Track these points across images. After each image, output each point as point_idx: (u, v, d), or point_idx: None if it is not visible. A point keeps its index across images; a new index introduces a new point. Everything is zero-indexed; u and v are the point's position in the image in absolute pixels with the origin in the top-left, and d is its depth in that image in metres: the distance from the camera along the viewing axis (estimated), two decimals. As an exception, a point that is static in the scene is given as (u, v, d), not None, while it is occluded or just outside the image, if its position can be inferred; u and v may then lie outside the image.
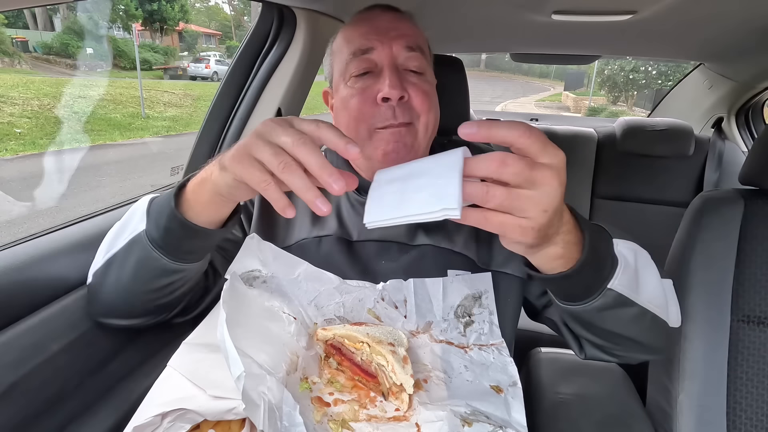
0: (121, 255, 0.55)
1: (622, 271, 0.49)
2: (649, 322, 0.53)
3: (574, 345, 0.63)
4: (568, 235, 0.44)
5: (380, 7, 0.68)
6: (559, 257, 0.45)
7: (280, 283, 0.62)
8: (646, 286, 0.52)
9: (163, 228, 0.51)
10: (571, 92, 24.31)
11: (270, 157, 0.41)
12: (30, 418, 0.54)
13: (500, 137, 0.38)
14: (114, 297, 0.58)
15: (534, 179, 0.38)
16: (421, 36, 0.67)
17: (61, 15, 16.26)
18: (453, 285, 0.63)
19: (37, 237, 0.67)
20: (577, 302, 0.51)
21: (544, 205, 0.38)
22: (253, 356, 0.46)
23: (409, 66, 0.62)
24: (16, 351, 0.53)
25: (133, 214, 0.56)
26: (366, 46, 0.62)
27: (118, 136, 7.12)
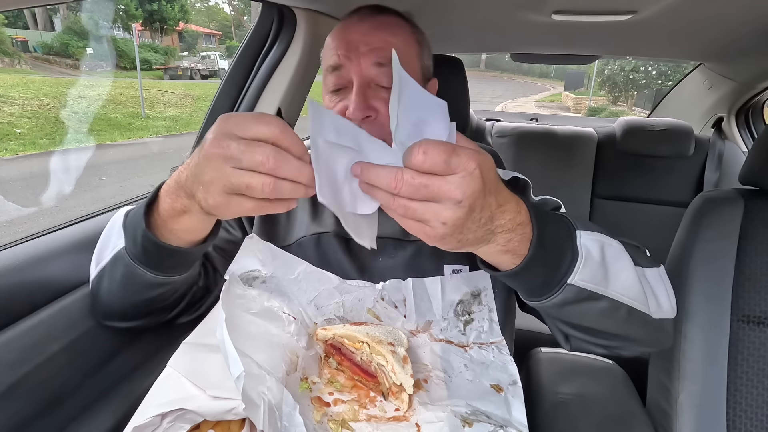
0: (108, 269, 0.56)
1: (583, 265, 0.47)
2: (624, 314, 0.51)
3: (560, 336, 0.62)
4: (511, 233, 0.43)
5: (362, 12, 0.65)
6: (504, 252, 0.44)
7: (279, 283, 0.62)
8: (617, 278, 0.50)
9: (140, 247, 0.51)
10: (571, 92, 24.30)
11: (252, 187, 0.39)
12: (30, 418, 0.53)
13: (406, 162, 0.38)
14: (110, 304, 0.59)
15: (434, 194, 0.37)
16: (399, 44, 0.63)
17: (61, 15, 16.27)
18: (452, 283, 0.63)
19: (37, 237, 0.67)
20: (538, 298, 0.50)
21: (443, 218, 0.38)
22: (252, 356, 0.46)
23: (380, 82, 0.61)
24: (16, 351, 0.53)
25: (112, 229, 0.57)
26: (336, 63, 0.62)
27: (118, 136, 7.13)
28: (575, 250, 0.48)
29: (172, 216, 0.48)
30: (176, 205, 0.47)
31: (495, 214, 0.41)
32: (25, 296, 0.58)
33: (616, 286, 0.50)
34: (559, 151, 1.81)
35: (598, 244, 0.50)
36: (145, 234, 0.49)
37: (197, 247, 0.53)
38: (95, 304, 0.61)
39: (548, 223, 0.47)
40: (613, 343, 0.56)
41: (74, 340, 0.59)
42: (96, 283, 0.58)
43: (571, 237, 0.49)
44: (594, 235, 0.50)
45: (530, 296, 0.51)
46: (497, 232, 0.43)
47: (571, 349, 0.61)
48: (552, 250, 0.47)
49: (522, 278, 0.48)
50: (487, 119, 2.14)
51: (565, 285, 0.47)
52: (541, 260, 0.46)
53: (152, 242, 0.49)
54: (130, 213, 0.54)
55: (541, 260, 0.46)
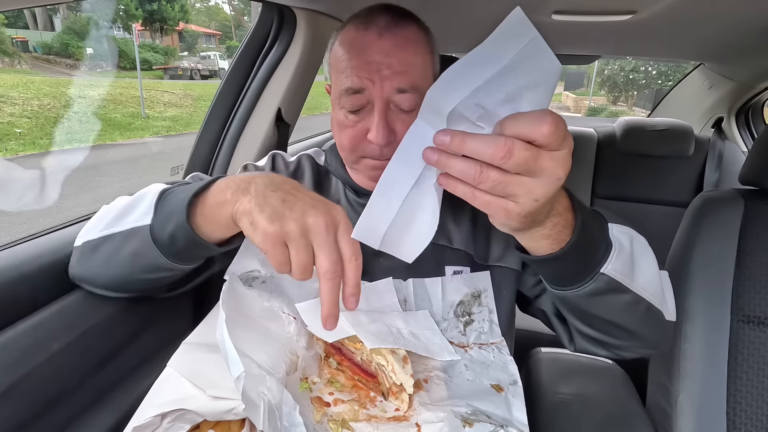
0: (119, 238, 0.54)
1: (616, 256, 0.48)
2: (643, 310, 0.52)
3: (564, 336, 0.63)
4: (558, 217, 0.44)
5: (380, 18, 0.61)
6: (546, 237, 0.44)
7: (279, 283, 0.62)
8: (642, 273, 0.51)
9: (168, 233, 0.50)
10: (571, 92, 24.29)
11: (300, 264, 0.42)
12: (30, 418, 0.53)
13: (523, 133, 0.35)
14: (100, 271, 0.58)
15: (536, 169, 0.36)
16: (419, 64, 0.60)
17: (61, 15, 16.27)
18: (452, 284, 0.63)
19: (37, 237, 0.67)
20: (569, 287, 0.50)
21: (536, 194, 0.37)
22: (252, 356, 0.46)
23: (401, 106, 0.59)
24: (16, 351, 0.53)
25: (140, 200, 0.55)
26: (358, 86, 0.58)
27: (118, 136, 7.13)
28: (609, 240, 0.49)
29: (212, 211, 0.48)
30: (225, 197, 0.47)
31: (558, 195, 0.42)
32: (25, 296, 0.58)
33: (640, 281, 0.50)
34: (559, 151, 1.81)
35: (628, 237, 0.51)
36: (183, 224, 0.48)
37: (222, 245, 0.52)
38: (79, 265, 0.59)
39: (585, 211, 0.47)
40: (621, 341, 0.57)
41: (74, 340, 0.59)
42: (93, 245, 0.57)
43: (605, 227, 0.50)
44: (624, 228, 0.52)
45: (561, 284, 0.51)
46: (551, 214, 0.43)
47: (574, 349, 0.62)
48: (590, 239, 0.47)
49: (559, 264, 0.47)
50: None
51: (598, 274, 0.48)
52: (581, 247, 0.46)
53: (186, 233, 0.49)
54: (168, 195, 0.53)
55: (582, 247, 0.46)
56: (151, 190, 0.55)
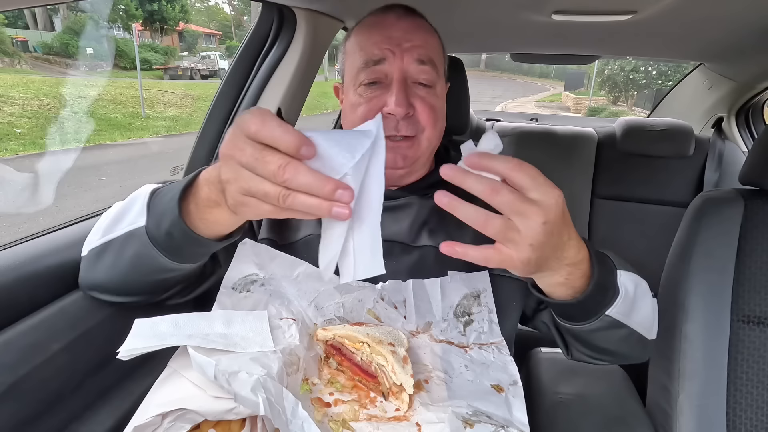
0: (118, 244, 0.54)
1: (621, 301, 0.53)
2: (635, 340, 0.58)
3: (562, 347, 0.67)
4: (573, 267, 0.47)
5: (396, 10, 0.65)
6: (561, 285, 0.48)
7: (279, 283, 0.62)
8: (639, 312, 0.56)
9: (165, 232, 0.49)
10: (571, 92, 24.30)
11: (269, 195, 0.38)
12: (30, 418, 0.54)
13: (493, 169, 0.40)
14: (107, 278, 0.57)
15: (521, 212, 0.39)
16: (435, 46, 0.65)
17: (61, 15, 16.27)
18: (451, 285, 0.63)
19: (38, 237, 0.67)
20: (574, 322, 0.55)
21: (529, 239, 0.40)
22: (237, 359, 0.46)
23: (419, 79, 0.62)
24: (16, 351, 0.53)
25: (133, 203, 0.54)
26: (378, 57, 0.61)
27: (118, 136, 7.13)
28: (616, 287, 0.53)
29: (207, 205, 0.47)
30: (212, 196, 0.45)
31: (565, 244, 0.45)
32: (25, 296, 0.58)
33: (637, 318, 0.56)
34: (559, 151, 1.81)
35: (633, 283, 0.56)
36: (176, 220, 0.47)
37: (222, 240, 0.51)
38: (88, 275, 0.59)
39: (602, 263, 0.51)
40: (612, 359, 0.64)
41: (74, 340, 0.59)
42: (96, 253, 0.56)
43: (614, 275, 0.54)
44: (630, 275, 0.56)
45: (566, 320, 0.57)
46: (564, 263, 0.46)
47: (571, 359, 0.67)
48: (603, 289, 0.52)
49: (571, 308, 0.53)
50: (487, 119, 2.14)
51: (603, 315, 0.53)
52: (594, 297, 0.50)
53: (181, 230, 0.48)
54: (159, 193, 0.52)
55: (594, 297, 0.50)
56: (141, 192, 0.55)
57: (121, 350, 0.44)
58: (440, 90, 0.66)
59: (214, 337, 0.49)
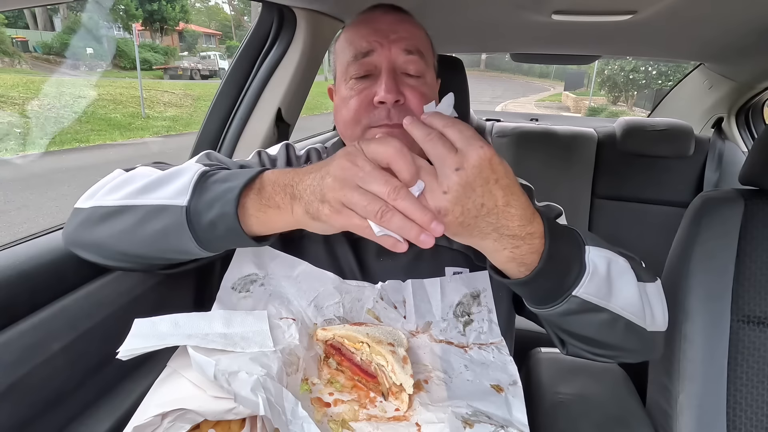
0: (144, 213, 0.50)
1: (589, 279, 0.49)
2: (622, 327, 0.53)
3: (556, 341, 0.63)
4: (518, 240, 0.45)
5: (383, 7, 0.68)
6: (510, 260, 0.47)
7: (278, 283, 0.62)
8: (620, 293, 0.51)
9: (209, 220, 0.48)
10: (571, 92, 24.30)
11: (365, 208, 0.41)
12: (30, 418, 0.54)
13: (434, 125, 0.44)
14: (111, 242, 0.53)
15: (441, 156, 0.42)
16: (422, 38, 0.67)
17: (61, 15, 16.28)
18: (451, 285, 0.63)
19: (38, 237, 0.67)
20: (540, 306, 0.52)
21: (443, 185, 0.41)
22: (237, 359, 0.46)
23: (408, 69, 0.63)
24: (16, 351, 0.53)
25: (175, 177, 0.51)
26: (366, 49, 0.63)
27: (118, 136, 7.13)
28: (583, 264, 0.49)
29: (267, 205, 0.47)
30: (276, 198, 0.46)
31: (500, 211, 0.43)
32: (25, 296, 0.58)
33: (618, 301, 0.51)
34: (559, 151, 1.81)
35: (605, 260, 0.51)
36: (230, 214, 0.46)
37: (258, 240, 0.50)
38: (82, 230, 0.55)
39: (561, 238, 0.49)
40: (607, 352, 0.58)
41: (74, 340, 0.59)
42: (107, 213, 0.52)
43: (581, 252, 0.51)
44: (602, 251, 0.52)
45: (533, 304, 0.53)
46: (503, 233, 0.44)
47: (567, 354, 0.63)
48: (560, 265, 0.48)
49: (528, 288, 0.50)
50: (487, 119, 2.14)
51: (569, 297, 0.49)
52: (548, 274, 0.47)
53: (230, 224, 0.47)
54: (212, 179, 0.50)
55: (549, 274, 0.48)
56: (187, 168, 0.52)
57: (120, 350, 0.44)
58: (430, 80, 0.67)
59: (213, 337, 0.49)
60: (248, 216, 0.48)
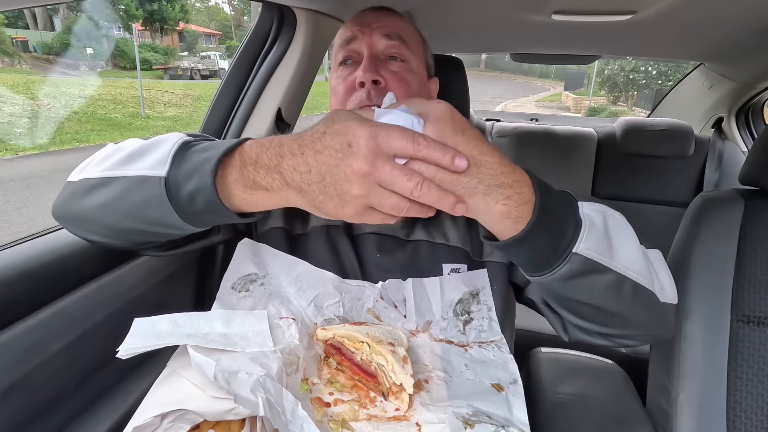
0: (126, 184, 0.49)
1: (587, 233, 0.46)
2: (629, 291, 0.49)
3: (557, 325, 0.62)
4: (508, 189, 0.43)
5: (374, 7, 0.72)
6: (505, 216, 0.44)
7: (279, 283, 0.62)
8: (621, 249, 0.49)
9: (187, 192, 0.46)
10: (571, 92, 24.29)
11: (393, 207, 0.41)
12: (30, 418, 0.54)
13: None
14: (94, 214, 0.52)
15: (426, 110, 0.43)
16: (405, 28, 0.70)
17: (61, 15, 16.29)
18: (450, 283, 0.63)
19: (38, 237, 0.67)
20: (543, 271, 0.48)
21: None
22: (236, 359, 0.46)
23: (389, 52, 0.67)
24: (16, 351, 0.53)
25: (156, 146, 0.50)
26: (349, 37, 0.68)
27: (119, 136, 7.13)
28: (578, 218, 0.48)
29: (251, 186, 0.44)
30: (262, 182, 0.44)
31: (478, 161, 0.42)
32: (25, 296, 0.58)
33: (620, 258, 0.48)
34: (559, 151, 1.81)
35: (600, 214, 0.50)
36: (207, 188, 0.44)
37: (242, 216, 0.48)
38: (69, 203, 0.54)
39: (549, 190, 0.47)
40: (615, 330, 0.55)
41: (74, 340, 0.59)
42: (92, 185, 0.51)
43: (573, 206, 0.49)
44: (595, 205, 0.50)
45: (534, 270, 0.50)
46: (490, 183, 0.43)
47: (569, 339, 0.61)
48: (555, 217, 0.46)
49: (526, 247, 0.46)
50: (487, 119, 2.14)
51: (570, 254, 0.46)
52: (544, 226, 0.45)
53: (208, 197, 0.45)
54: (191, 149, 0.48)
55: (545, 226, 0.45)
56: (168, 139, 0.50)
57: (120, 349, 0.44)
58: (416, 67, 0.69)
59: (213, 337, 0.49)
60: (234, 196, 0.46)
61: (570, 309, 0.55)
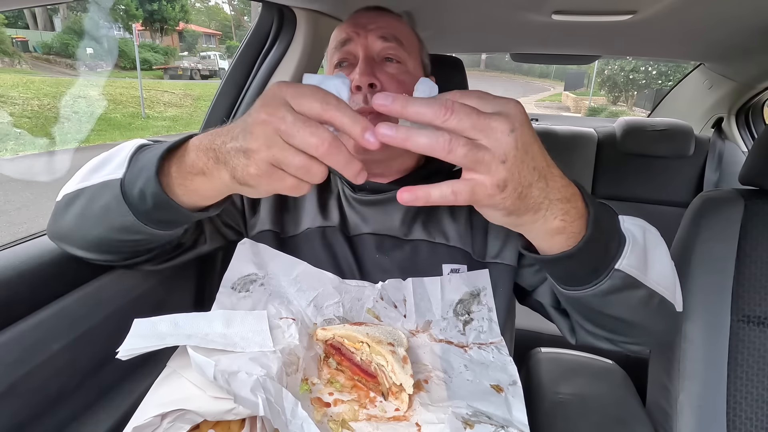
0: (91, 192, 0.50)
1: (630, 250, 0.45)
2: (657, 305, 0.49)
3: (565, 329, 0.61)
4: (566, 204, 0.40)
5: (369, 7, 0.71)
6: (559, 232, 0.42)
7: (279, 283, 0.62)
8: (655, 266, 0.48)
9: (138, 189, 0.46)
10: (571, 92, 24.30)
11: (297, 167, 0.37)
12: (30, 418, 0.54)
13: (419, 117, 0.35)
14: (73, 227, 0.54)
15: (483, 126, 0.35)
16: (402, 28, 0.69)
17: (61, 15, 16.29)
18: (451, 283, 0.63)
19: (38, 236, 0.67)
20: (582, 286, 0.47)
21: (500, 154, 0.35)
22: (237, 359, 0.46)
23: (386, 54, 0.65)
24: (16, 351, 0.53)
25: (117, 153, 0.52)
26: (344, 38, 0.66)
27: (118, 136, 7.13)
28: (622, 234, 0.47)
29: (190, 172, 0.44)
30: (199, 163, 0.43)
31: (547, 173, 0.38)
32: (25, 296, 0.58)
33: (653, 274, 0.48)
34: (559, 151, 1.81)
35: (641, 228, 0.49)
36: (151, 178, 0.44)
37: (197, 212, 0.48)
38: (54, 221, 0.56)
39: (597, 203, 0.44)
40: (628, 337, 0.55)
41: (74, 340, 0.59)
42: (69, 199, 0.53)
43: (617, 220, 0.48)
44: (635, 219, 0.50)
45: (573, 284, 0.48)
46: (553, 198, 0.39)
47: (576, 342, 0.61)
48: (606, 233, 0.44)
49: (573, 263, 0.44)
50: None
51: (613, 270, 0.45)
52: (596, 242, 0.43)
53: (154, 190, 0.45)
54: (144, 149, 0.49)
55: (597, 242, 0.43)
56: (128, 144, 0.52)
57: (120, 350, 0.44)
58: (413, 68, 0.68)
59: (213, 337, 0.49)
60: (175, 186, 0.45)
61: (591, 319, 0.54)
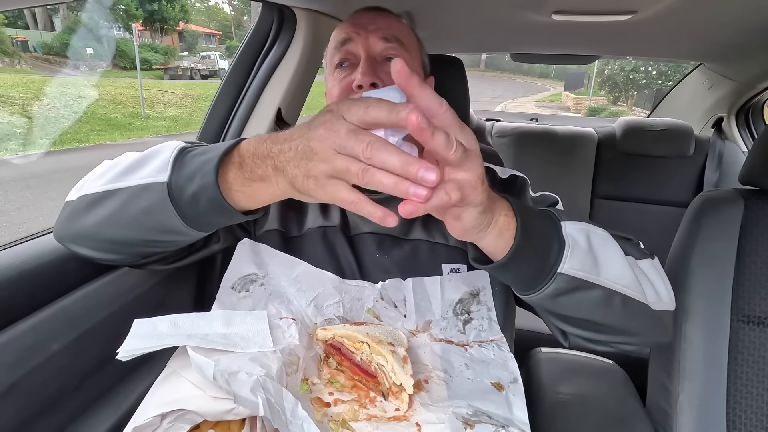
0: (128, 194, 0.50)
1: (570, 253, 0.47)
2: (619, 304, 0.50)
3: (557, 332, 0.62)
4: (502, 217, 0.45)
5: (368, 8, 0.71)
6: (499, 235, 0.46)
7: (279, 283, 0.62)
8: (607, 264, 0.50)
9: (191, 193, 0.46)
10: (571, 92, 24.30)
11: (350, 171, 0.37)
12: (30, 418, 0.54)
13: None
14: (98, 228, 0.53)
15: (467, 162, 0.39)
16: (402, 29, 0.69)
17: (61, 15, 16.29)
18: (451, 283, 0.63)
19: (38, 236, 0.67)
20: (530, 291, 0.50)
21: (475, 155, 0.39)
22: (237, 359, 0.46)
23: (387, 54, 0.66)
24: (16, 351, 0.53)
25: (154, 156, 0.51)
26: (344, 38, 0.66)
27: (118, 136, 7.13)
28: (561, 239, 0.49)
29: (250, 178, 0.45)
30: (258, 171, 0.44)
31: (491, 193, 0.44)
32: (25, 296, 0.58)
33: (607, 274, 0.49)
34: (559, 151, 1.82)
35: (583, 232, 0.51)
36: (210, 185, 0.45)
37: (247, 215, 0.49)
38: (71, 221, 0.55)
39: (530, 213, 0.48)
40: (612, 337, 0.56)
41: (74, 340, 0.59)
42: (93, 200, 0.52)
43: (556, 227, 0.50)
44: (578, 224, 0.51)
45: (523, 290, 0.51)
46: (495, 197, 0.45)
47: (570, 346, 0.61)
48: (538, 239, 0.48)
49: (512, 270, 0.48)
50: (487, 119, 2.14)
51: (555, 275, 0.47)
52: (527, 249, 0.46)
53: (211, 195, 0.45)
54: (189, 153, 0.50)
55: (528, 249, 0.47)
56: (166, 147, 0.51)
57: (120, 351, 0.44)
58: (414, 68, 0.68)
59: (213, 337, 0.49)
60: (233, 191, 0.46)
61: (564, 321, 0.56)
